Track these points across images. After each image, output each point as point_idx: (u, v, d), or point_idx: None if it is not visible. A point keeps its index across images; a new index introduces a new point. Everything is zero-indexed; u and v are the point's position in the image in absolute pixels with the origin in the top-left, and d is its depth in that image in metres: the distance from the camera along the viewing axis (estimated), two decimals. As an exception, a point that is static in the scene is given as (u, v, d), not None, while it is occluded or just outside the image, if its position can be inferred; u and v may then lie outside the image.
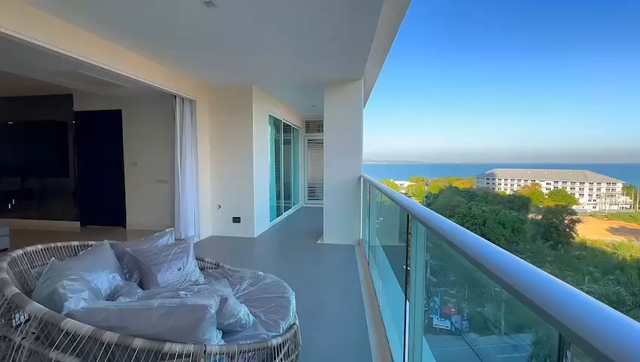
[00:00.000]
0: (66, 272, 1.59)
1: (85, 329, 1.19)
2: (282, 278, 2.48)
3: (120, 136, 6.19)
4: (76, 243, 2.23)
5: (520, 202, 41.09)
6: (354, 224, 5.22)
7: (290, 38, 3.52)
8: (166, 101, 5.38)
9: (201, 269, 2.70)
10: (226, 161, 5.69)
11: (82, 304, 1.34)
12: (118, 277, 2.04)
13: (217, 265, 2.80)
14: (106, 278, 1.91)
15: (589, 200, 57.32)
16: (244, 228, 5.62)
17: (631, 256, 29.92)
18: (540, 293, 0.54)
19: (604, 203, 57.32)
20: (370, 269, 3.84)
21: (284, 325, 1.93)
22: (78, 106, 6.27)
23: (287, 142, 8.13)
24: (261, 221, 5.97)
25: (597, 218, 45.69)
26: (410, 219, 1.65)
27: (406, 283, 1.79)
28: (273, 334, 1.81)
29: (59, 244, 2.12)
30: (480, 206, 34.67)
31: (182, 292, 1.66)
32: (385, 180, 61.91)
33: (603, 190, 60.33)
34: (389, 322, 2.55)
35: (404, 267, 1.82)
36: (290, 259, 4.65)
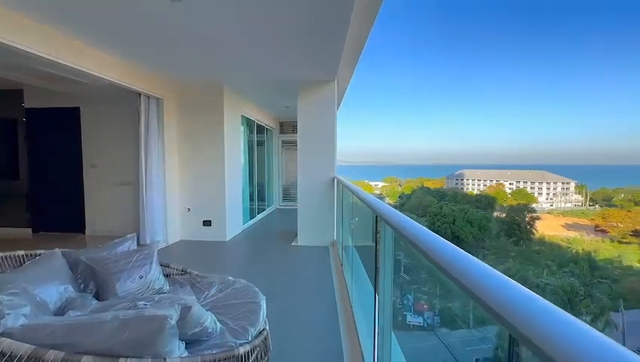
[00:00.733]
0: (5, 286, 1.44)
1: (24, 348, 1.08)
2: (254, 282, 2.41)
3: (78, 135, 5.77)
4: (22, 252, 2.03)
5: (486, 201, 43.39)
6: (328, 225, 5.23)
7: (259, 39, 3.45)
8: (130, 99, 5.09)
9: (167, 276, 2.57)
10: (196, 162, 5.48)
11: (22, 320, 1.21)
12: (71, 289, 1.88)
13: (184, 271, 2.68)
14: (56, 290, 1.75)
15: (547, 199, 61.76)
16: (216, 231, 5.44)
17: (583, 249, 32.57)
18: (492, 293, 0.55)
19: (560, 201, 62.01)
20: (344, 270, 3.85)
21: (253, 331, 1.87)
22: (29, 103, 5.76)
23: (260, 144, 8.00)
24: (233, 224, 5.81)
25: (553, 215, 49.29)
26: (378, 219, 1.67)
27: (375, 282, 1.80)
28: (241, 341, 1.75)
29: (0, 254, 1.92)
30: (450, 205, 36.19)
31: (140, 303, 1.56)
32: (359, 181, 62.85)
33: (559, 189, 65.26)
34: (361, 322, 2.56)
35: (374, 266, 1.83)
36: (263, 263, 4.56)
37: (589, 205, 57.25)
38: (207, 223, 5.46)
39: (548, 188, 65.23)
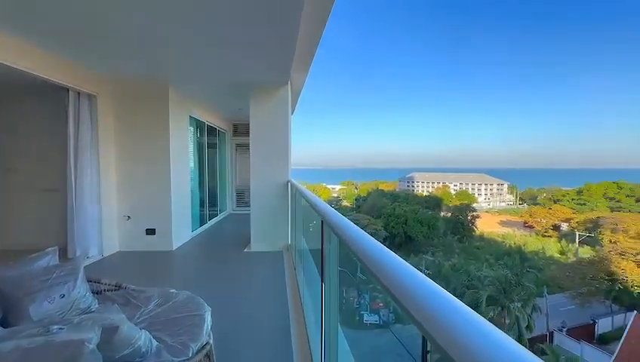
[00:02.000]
0: None
1: None
2: (202, 293, 2.27)
3: (-10, 135, 4.97)
4: None
5: (434, 202, 46.63)
6: (282, 229, 5.16)
7: (204, 37, 3.31)
8: (57, 95, 4.51)
9: (97, 293, 2.32)
10: (137, 166, 5.04)
11: None
12: (-34, 317, 1.59)
13: (119, 287, 2.43)
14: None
15: (485, 199, 68.37)
16: (160, 240, 5.05)
17: (514, 243, 36.59)
18: (407, 292, 0.57)
19: (496, 201, 69.07)
20: (297, 275, 3.82)
21: (194, 347, 1.76)
22: None
23: (212, 146, 7.65)
24: (181, 231, 5.45)
25: (491, 213, 54.68)
26: (323, 222, 1.68)
27: (322, 283, 1.81)
28: (180, 359, 1.63)
29: None
30: (402, 206, 38.18)
31: (54, 327, 1.36)
32: (317, 184, 63.52)
33: (494, 190, 72.73)
34: (312, 326, 2.55)
35: (320, 268, 1.84)
36: (212, 272, 4.34)
37: (519, 204, 64.63)
38: (150, 232, 5.04)
39: (486, 190, 72.37)
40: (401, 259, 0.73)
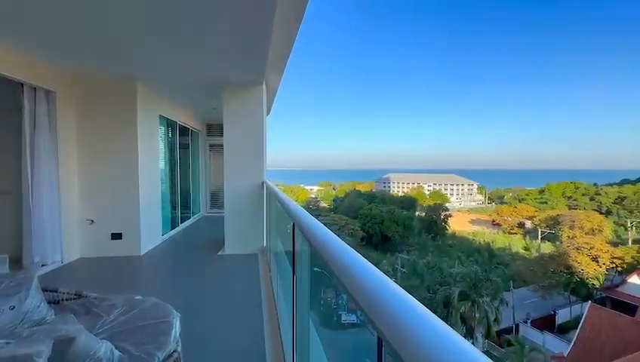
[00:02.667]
0: None
1: None
2: (172, 299, 2.19)
3: None
4: None
5: (409, 202, 47.95)
6: (257, 232, 5.08)
7: (175, 36, 3.20)
8: (10, 90, 4.17)
9: (54, 303, 2.17)
10: (101, 167, 4.77)
11: None
12: None
13: (79, 295, 2.29)
14: None
15: (457, 199, 71.29)
16: (127, 245, 4.80)
17: (484, 241, 38.43)
18: (367, 292, 0.57)
19: (466, 200, 72.23)
20: (272, 277, 3.78)
21: (160, 355, 1.69)
22: None
23: (184, 146, 7.40)
24: (150, 235, 5.22)
25: (462, 212, 57.08)
26: (294, 223, 1.67)
27: (294, 283, 1.80)
28: (145, 369, 1.56)
29: None
30: (379, 207, 38.93)
31: (0, 342, 1.26)
32: (295, 186, 63.29)
33: (465, 190, 76.07)
34: (286, 330, 2.53)
35: (292, 269, 1.83)
36: (183, 276, 4.19)
37: (488, 203, 68.00)
38: (116, 236, 4.78)
39: (457, 190, 75.51)
40: (365, 260, 0.73)
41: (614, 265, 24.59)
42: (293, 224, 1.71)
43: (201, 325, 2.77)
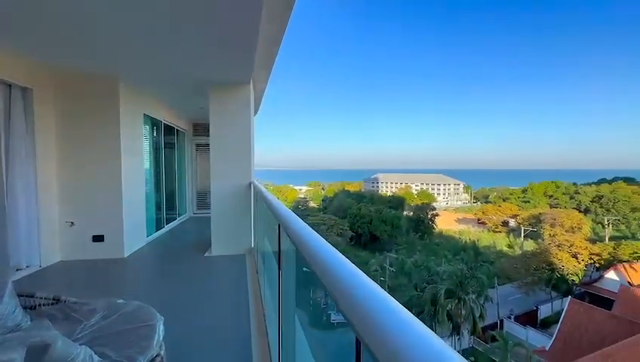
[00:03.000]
0: None
1: None
2: (156, 302, 2.14)
3: None
4: None
5: (397, 202, 48.49)
6: (245, 232, 5.03)
7: (159, 33, 3.14)
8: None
9: (31, 309, 2.09)
10: (82, 167, 4.62)
11: None
12: None
13: (57, 300, 2.21)
14: None
15: (444, 198, 72.57)
16: (110, 247, 4.67)
17: (470, 239, 39.26)
18: (344, 291, 0.57)
19: (453, 199, 73.63)
20: (260, 278, 3.75)
21: (143, 360, 1.65)
22: None
23: (169, 146, 7.25)
24: (134, 237, 5.09)
25: (449, 212, 58.15)
26: (280, 224, 1.66)
27: (279, 283, 1.79)
28: (126, 374, 1.52)
29: None
30: (367, 206, 39.20)
31: (-31, 350, 1.20)
32: (284, 186, 63.06)
33: (452, 190, 77.52)
34: (274, 332, 2.52)
35: (278, 268, 1.82)
36: (168, 279, 4.11)
37: (473, 202, 69.52)
38: (97, 238, 4.64)
39: (444, 189, 76.87)
40: (347, 261, 0.72)
41: (592, 262, 25.57)
42: (279, 224, 1.70)
43: (186, 328, 2.72)
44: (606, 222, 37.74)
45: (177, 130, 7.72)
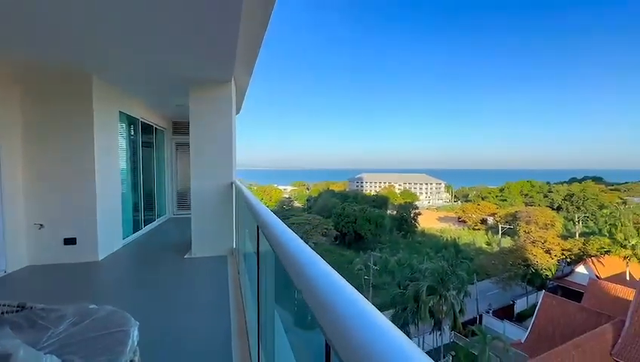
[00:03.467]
0: None
1: None
2: (132, 306, 2.06)
3: None
4: None
5: (381, 201, 49.09)
6: (227, 233, 4.94)
7: (134, 27, 3.02)
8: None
9: (-8, 317, 1.96)
10: (52, 166, 4.39)
11: None
12: None
13: (22, 307, 2.08)
14: None
15: (426, 197, 74.17)
16: (82, 250, 4.46)
17: (451, 237, 40.31)
18: (316, 292, 0.57)
19: (435, 198, 75.39)
20: (241, 280, 3.69)
21: (114, 367, 1.58)
22: None
23: (147, 145, 7.02)
24: (109, 239, 4.89)
25: (430, 210, 59.48)
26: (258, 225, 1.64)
27: (258, 284, 1.77)
28: (96, 383, 1.45)
29: None
30: (352, 206, 39.46)
31: None
32: (269, 186, 62.50)
33: (434, 189, 79.38)
34: (254, 331, 2.48)
35: (257, 268, 1.80)
36: (146, 282, 3.98)
37: (454, 201, 71.45)
38: (69, 241, 4.42)
39: (427, 189, 78.58)
40: (323, 261, 0.71)
41: (564, 257, 26.86)
42: (257, 227, 1.67)
43: (163, 332, 2.64)
44: (576, 219, 39.75)
45: (156, 128, 7.49)
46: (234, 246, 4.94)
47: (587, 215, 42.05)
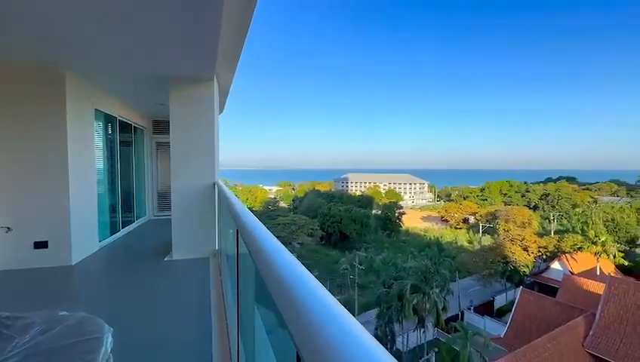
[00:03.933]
0: None
1: None
2: (106, 312, 1.98)
3: None
4: None
5: (366, 201, 49.55)
6: (209, 234, 4.83)
7: (109, 19, 2.91)
8: None
9: (-49, 327, 1.83)
10: (21, 166, 4.16)
11: None
12: None
13: (-16, 316, 1.96)
14: None
15: (410, 197, 75.45)
16: (55, 254, 4.25)
17: (434, 236, 41.18)
18: (291, 303, 0.53)
19: (418, 198, 76.81)
20: (223, 282, 3.62)
21: (85, 376, 1.51)
22: None
23: (125, 144, 6.78)
24: (84, 242, 4.69)
25: (414, 210, 60.56)
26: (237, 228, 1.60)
27: (237, 287, 1.73)
28: (64, 394, 1.38)
29: None
30: (337, 206, 39.61)
31: None
32: (254, 186, 61.82)
33: (417, 189, 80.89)
34: (234, 334, 2.44)
35: (236, 271, 1.76)
36: (122, 286, 3.83)
37: (437, 200, 73.04)
38: (40, 245, 4.20)
39: (410, 189, 79.96)
40: (300, 264, 0.69)
41: (540, 254, 28.00)
42: (237, 230, 1.64)
43: (141, 337, 2.55)
44: (551, 217, 41.50)
45: (135, 127, 7.24)
46: (216, 247, 4.84)
47: (561, 213, 44.00)
